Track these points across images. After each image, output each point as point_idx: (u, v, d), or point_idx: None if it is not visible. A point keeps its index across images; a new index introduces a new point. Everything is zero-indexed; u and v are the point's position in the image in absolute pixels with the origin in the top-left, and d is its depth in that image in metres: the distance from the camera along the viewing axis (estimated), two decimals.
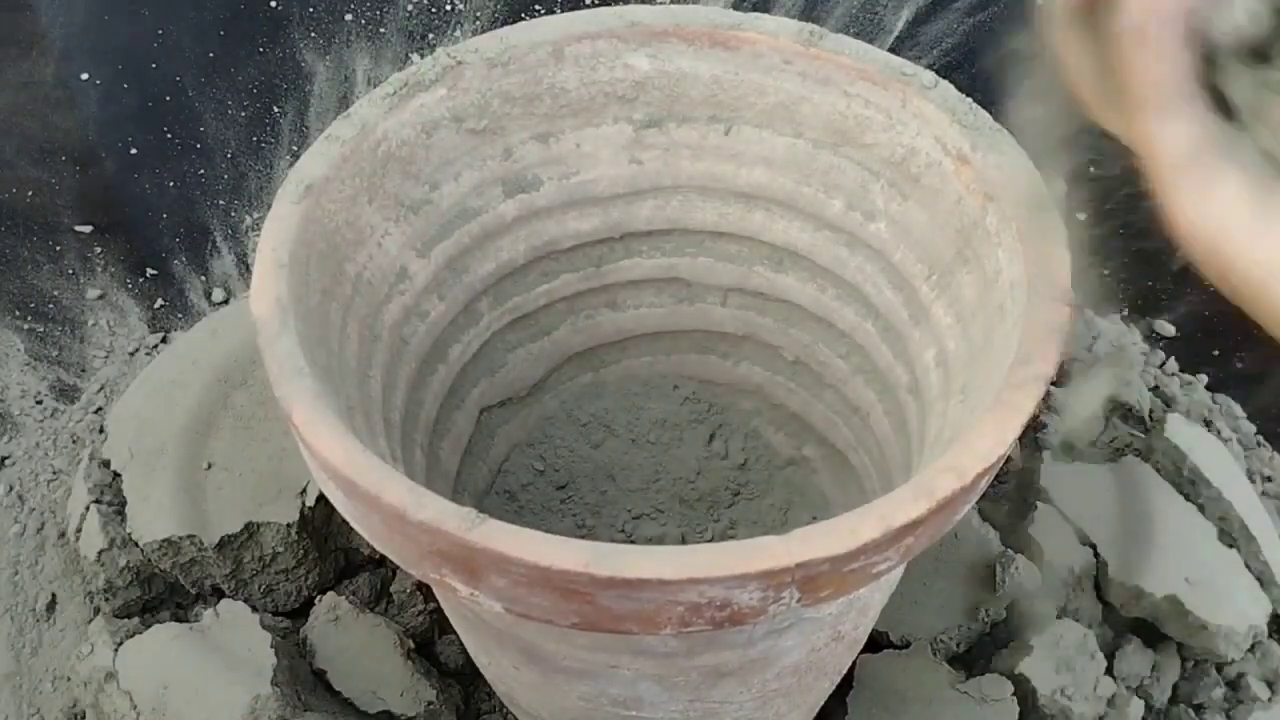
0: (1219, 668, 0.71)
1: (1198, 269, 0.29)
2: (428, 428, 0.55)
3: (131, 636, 0.67)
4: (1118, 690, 0.67)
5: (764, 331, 0.63)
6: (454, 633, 0.70)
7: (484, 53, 0.52)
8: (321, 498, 0.69)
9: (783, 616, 0.37)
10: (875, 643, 0.69)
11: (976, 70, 1.09)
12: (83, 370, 0.92)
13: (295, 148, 1.06)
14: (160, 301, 0.96)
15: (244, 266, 0.99)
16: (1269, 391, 0.89)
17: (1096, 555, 0.71)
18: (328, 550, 0.72)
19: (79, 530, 0.72)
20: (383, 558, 0.73)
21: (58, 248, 0.99)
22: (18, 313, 0.95)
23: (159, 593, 0.72)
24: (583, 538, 0.36)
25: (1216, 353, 0.92)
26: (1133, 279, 0.96)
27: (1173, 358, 0.90)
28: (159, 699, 0.63)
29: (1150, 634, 0.71)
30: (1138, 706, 0.67)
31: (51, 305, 0.96)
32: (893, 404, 0.56)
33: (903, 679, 0.66)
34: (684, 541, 0.64)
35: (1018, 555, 0.70)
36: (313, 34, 1.13)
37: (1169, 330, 0.93)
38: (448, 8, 1.16)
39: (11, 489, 0.83)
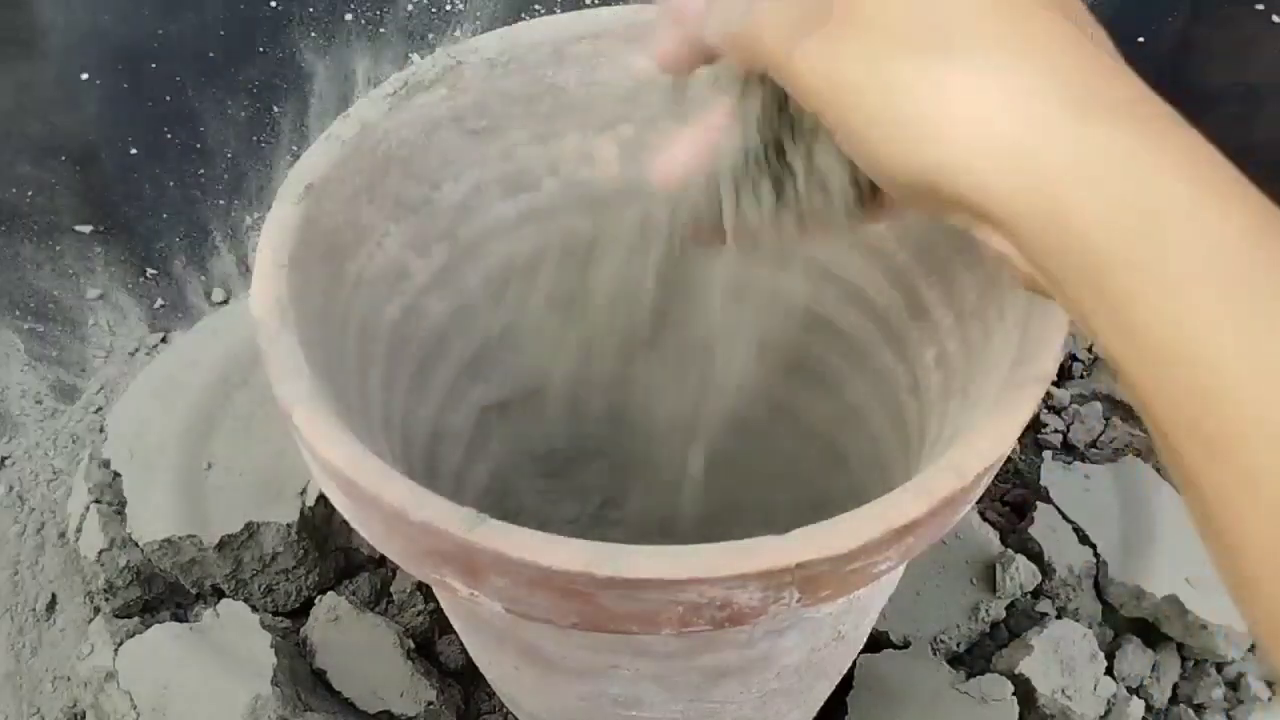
0: (1219, 667, 0.71)
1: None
2: (428, 428, 0.55)
3: (131, 636, 0.67)
4: (1118, 690, 0.67)
5: (764, 331, 0.63)
6: (454, 633, 0.70)
7: (484, 52, 0.52)
8: (322, 498, 0.69)
9: (783, 616, 0.37)
10: (875, 642, 0.69)
11: None
12: (83, 370, 0.92)
13: (295, 148, 1.06)
14: (160, 301, 0.96)
15: (244, 266, 0.99)
16: None
17: (1096, 555, 0.71)
18: (328, 550, 0.72)
19: (79, 530, 0.72)
20: (383, 558, 0.73)
21: (57, 247, 0.99)
22: (17, 313, 0.95)
23: (159, 593, 0.72)
24: (583, 538, 0.36)
25: None
26: None
27: None
28: (159, 699, 0.63)
29: (1150, 634, 0.71)
30: (1138, 706, 0.67)
31: (51, 305, 0.96)
32: (893, 404, 0.56)
33: (903, 679, 0.66)
34: (684, 543, 0.64)
35: (1017, 555, 0.70)
36: (313, 34, 1.13)
37: None
38: (448, 8, 1.16)
39: (11, 489, 0.83)
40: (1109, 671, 0.68)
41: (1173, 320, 0.24)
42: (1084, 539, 0.71)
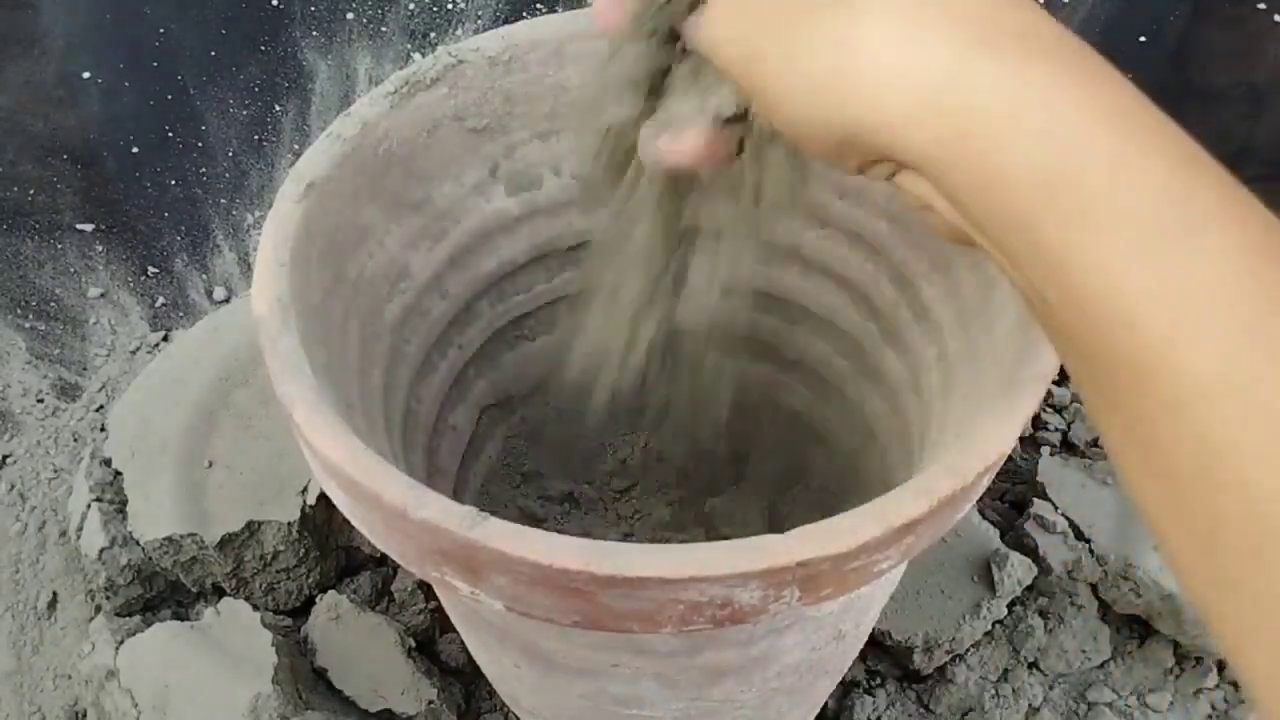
0: (1220, 668, 0.71)
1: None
2: (428, 426, 0.55)
3: (132, 635, 0.67)
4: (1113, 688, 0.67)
5: (765, 331, 0.63)
6: (455, 631, 0.70)
7: (485, 51, 0.52)
8: (322, 496, 0.69)
9: (783, 615, 0.37)
10: (876, 642, 0.69)
11: None
12: (84, 368, 0.92)
13: (297, 146, 1.06)
14: (162, 300, 0.96)
15: (245, 265, 0.99)
16: None
17: (1093, 552, 0.71)
18: (329, 549, 0.72)
19: (80, 528, 0.72)
20: (384, 556, 0.73)
21: (59, 246, 0.99)
22: (19, 311, 0.95)
23: (160, 591, 0.72)
24: (584, 535, 0.36)
25: None
26: None
27: None
28: (160, 697, 0.63)
29: (1147, 631, 0.71)
30: (1135, 705, 0.67)
31: (53, 304, 0.96)
32: (894, 403, 0.56)
33: None
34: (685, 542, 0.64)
35: (1012, 553, 0.70)
36: (314, 33, 1.13)
37: None
38: (449, 7, 1.16)
39: (13, 487, 0.83)
40: (1106, 667, 0.68)
41: (1089, 253, 0.24)
42: (1080, 536, 0.71)
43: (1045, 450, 0.81)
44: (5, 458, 0.85)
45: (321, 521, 0.71)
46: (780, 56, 0.28)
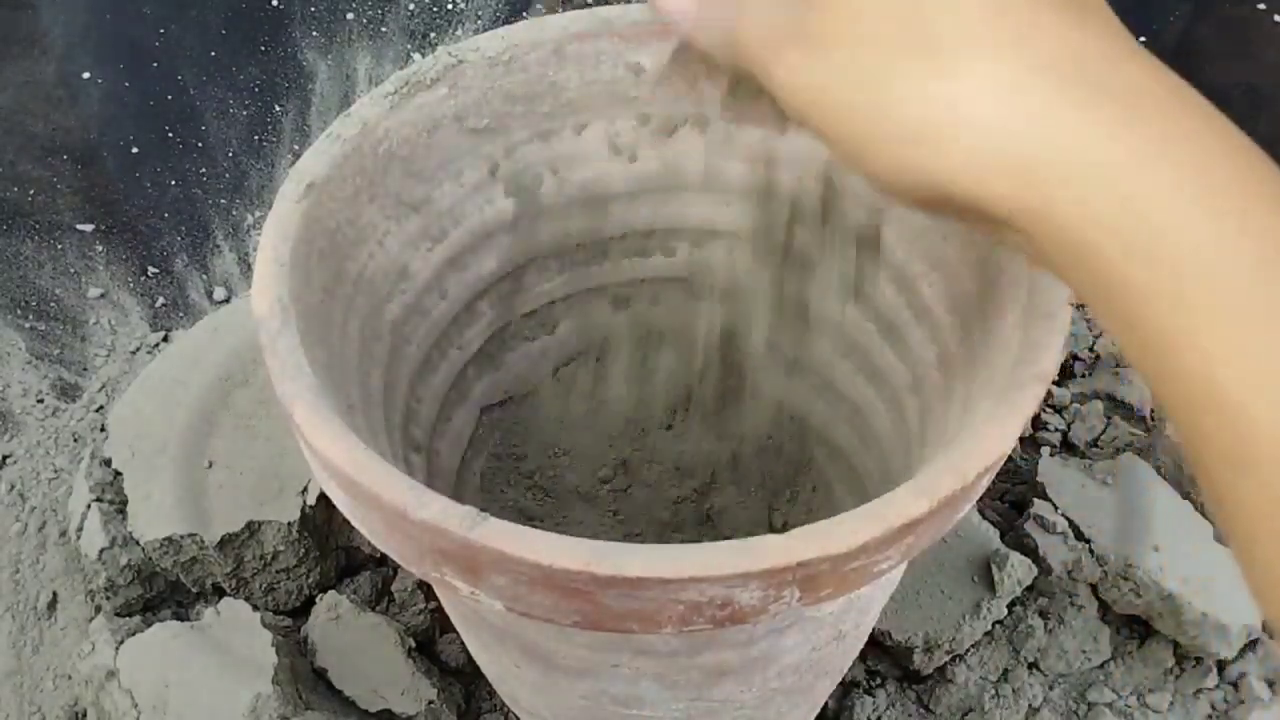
0: (1220, 667, 0.71)
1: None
2: (428, 426, 0.55)
3: (132, 635, 0.67)
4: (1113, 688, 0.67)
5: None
6: (455, 631, 0.70)
7: (485, 51, 0.52)
8: (322, 496, 0.69)
9: (784, 615, 0.37)
10: (876, 642, 0.69)
11: None
12: (84, 369, 0.92)
13: (297, 147, 1.06)
14: (161, 300, 0.97)
15: (245, 265, 0.99)
16: None
17: (1093, 553, 0.71)
18: (329, 549, 0.72)
19: (80, 529, 0.72)
20: (384, 556, 0.73)
21: (59, 246, 0.99)
22: (19, 311, 0.95)
23: (160, 591, 0.72)
24: (584, 536, 0.36)
25: None
26: None
27: None
28: (160, 697, 0.63)
29: (1147, 632, 0.71)
30: (1135, 705, 0.67)
31: (53, 304, 0.96)
32: (894, 403, 0.56)
33: None
34: (688, 542, 0.64)
35: (1012, 553, 0.70)
36: (314, 33, 1.13)
37: None
38: (449, 7, 1.16)
39: (13, 488, 0.83)
40: (1106, 668, 0.68)
41: (1184, 335, 0.24)
42: (1080, 536, 0.71)
43: (1045, 450, 0.81)
44: (5, 458, 0.85)
45: (321, 521, 0.71)
46: (867, 108, 0.28)
